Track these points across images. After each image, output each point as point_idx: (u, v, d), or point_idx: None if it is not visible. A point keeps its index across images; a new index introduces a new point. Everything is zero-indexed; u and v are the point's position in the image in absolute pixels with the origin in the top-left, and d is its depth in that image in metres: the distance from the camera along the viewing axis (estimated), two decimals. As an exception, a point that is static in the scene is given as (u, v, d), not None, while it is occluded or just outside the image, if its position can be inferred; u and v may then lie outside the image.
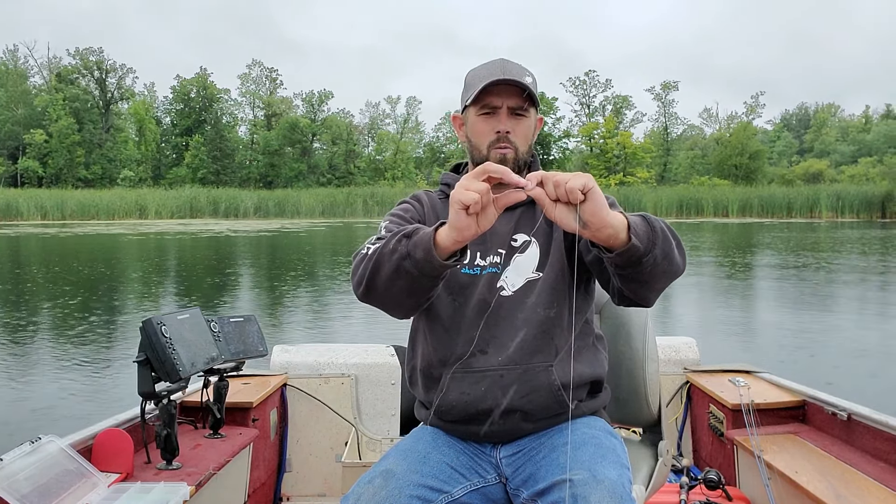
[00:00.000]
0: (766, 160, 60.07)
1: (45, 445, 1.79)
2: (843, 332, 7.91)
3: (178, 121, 63.43)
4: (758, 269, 14.86)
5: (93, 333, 7.81)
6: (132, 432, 2.08)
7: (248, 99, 66.52)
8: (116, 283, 12.79)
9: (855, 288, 11.77)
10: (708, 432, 2.76)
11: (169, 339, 2.01)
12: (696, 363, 2.99)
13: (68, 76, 59.30)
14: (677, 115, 69.24)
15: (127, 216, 41.23)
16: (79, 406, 5.14)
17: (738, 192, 45.56)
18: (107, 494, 1.82)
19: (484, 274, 1.56)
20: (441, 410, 1.56)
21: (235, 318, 2.53)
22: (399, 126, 67.92)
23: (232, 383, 2.57)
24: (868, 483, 1.94)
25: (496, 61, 1.58)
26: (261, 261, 17.50)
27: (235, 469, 2.45)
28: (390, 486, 1.37)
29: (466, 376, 1.52)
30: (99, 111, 59.22)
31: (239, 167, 61.39)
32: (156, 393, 2.02)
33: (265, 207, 44.73)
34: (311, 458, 2.99)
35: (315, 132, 63.30)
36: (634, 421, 1.87)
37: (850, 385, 5.49)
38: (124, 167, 57.10)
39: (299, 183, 57.52)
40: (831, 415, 2.32)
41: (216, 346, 2.33)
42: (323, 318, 8.97)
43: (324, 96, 65.61)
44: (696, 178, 55.61)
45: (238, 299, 10.46)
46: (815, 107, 78.25)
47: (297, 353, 3.05)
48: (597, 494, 1.29)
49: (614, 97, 65.33)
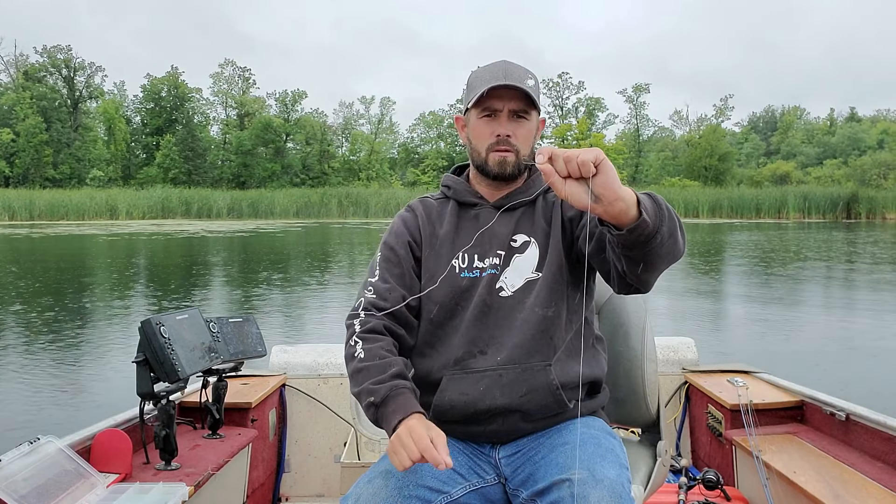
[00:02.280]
0: (734, 162, 61.17)
1: (43, 446, 1.78)
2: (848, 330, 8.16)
3: (148, 120, 62.54)
4: (749, 269, 15.19)
5: (91, 334, 7.79)
6: (131, 433, 2.07)
7: (220, 98, 65.87)
8: (104, 284, 12.68)
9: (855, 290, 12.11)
10: (706, 432, 2.75)
11: (168, 339, 2.01)
12: (694, 363, 2.99)
13: (35, 74, 58.17)
14: (648, 116, 70.24)
15: (97, 217, 40.56)
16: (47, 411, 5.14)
17: (708, 193, 46.29)
18: (105, 495, 1.81)
19: (483, 276, 1.58)
20: (440, 411, 1.56)
21: (234, 318, 2.53)
22: (373, 126, 67.79)
23: (231, 384, 2.56)
24: (866, 483, 1.94)
25: (499, 63, 1.58)
26: (252, 262, 17.41)
27: (234, 469, 2.45)
28: (390, 486, 1.38)
29: (466, 377, 1.53)
30: (67, 110, 58.15)
31: (211, 167, 60.71)
32: (154, 393, 2.02)
33: (238, 208, 44.33)
34: (310, 458, 2.99)
35: (289, 132, 62.91)
36: (633, 421, 1.86)
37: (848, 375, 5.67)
38: (93, 167, 56.14)
39: (273, 183, 57.10)
40: (829, 415, 2.31)
41: (215, 347, 2.32)
42: (319, 318, 8.98)
43: (297, 96, 65.23)
44: (667, 179, 56.39)
45: (227, 300, 10.45)
46: (781, 109, 79.84)
47: (296, 354, 3.05)
48: (596, 493, 1.30)
49: (587, 99, 66.01)
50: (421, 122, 67.37)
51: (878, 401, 2.91)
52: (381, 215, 44.72)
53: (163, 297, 10.83)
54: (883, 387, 5.64)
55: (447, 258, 1.61)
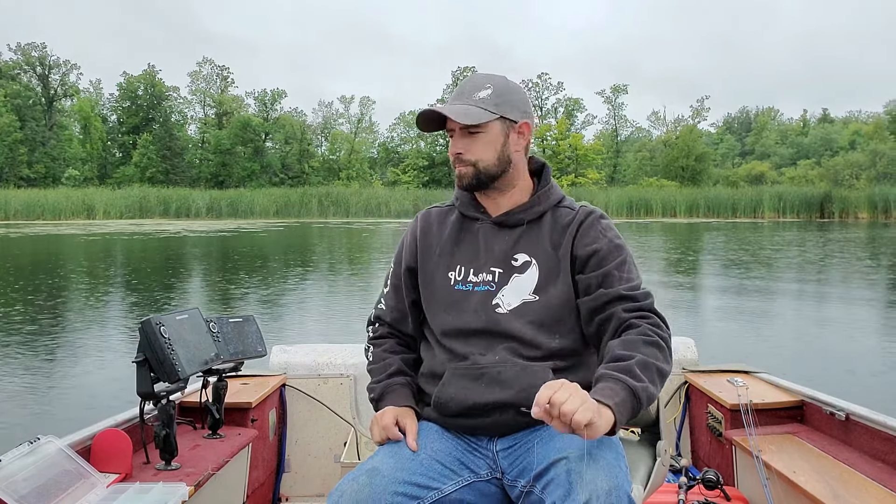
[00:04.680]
0: (711, 162, 62.00)
1: (43, 446, 1.78)
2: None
3: (125, 119, 61.90)
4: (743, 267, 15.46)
5: (92, 333, 7.80)
6: (131, 433, 2.07)
7: (198, 97, 65.36)
8: (91, 284, 12.62)
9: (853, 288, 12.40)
10: (706, 432, 2.76)
11: (168, 339, 2.01)
12: (694, 363, 2.99)
13: (9, 72, 57.25)
14: (626, 117, 70.89)
15: (74, 216, 40.05)
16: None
17: (686, 193, 46.89)
18: (105, 495, 1.81)
19: (476, 291, 1.61)
20: (440, 403, 1.59)
21: (234, 318, 2.53)
22: (353, 126, 67.68)
23: (231, 384, 2.56)
24: (866, 483, 1.94)
25: (464, 83, 1.65)
26: (241, 261, 17.38)
27: (234, 469, 2.45)
28: (374, 483, 1.41)
29: (467, 372, 1.57)
30: (42, 108, 57.37)
31: (189, 166, 60.23)
32: (154, 393, 2.02)
33: (217, 207, 44.03)
34: (310, 458, 3.00)
35: (268, 131, 62.58)
36: (633, 421, 1.84)
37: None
38: (69, 166, 55.45)
39: (252, 183, 56.80)
40: (829, 415, 2.31)
41: (215, 347, 2.32)
42: (317, 317, 9.07)
43: (277, 95, 64.93)
44: (645, 179, 57.03)
45: (221, 299, 10.49)
46: (755, 110, 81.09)
47: (296, 354, 3.05)
48: (592, 471, 1.32)
49: (566, 100, 66.53)
50: (401, 122, 67.38)
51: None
52: (361, 215, 44.71)
53: (159, 297, 10.84)
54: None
55: (444, 269, 1.67)
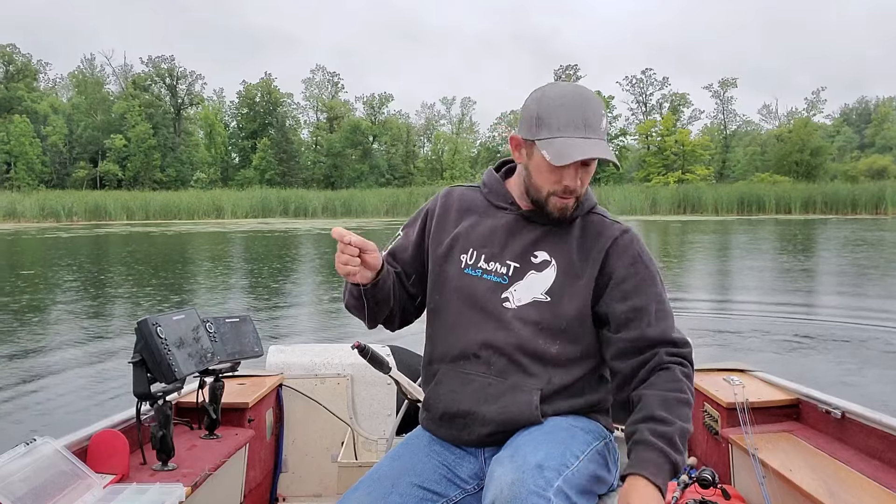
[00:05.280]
0: (827, 156, 59.42)
1: (39, 447, 1.78)
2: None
3: (244, 124, 65.95)
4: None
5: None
6: (127, 433, 2.06)
7: (311, 102, 68.79)
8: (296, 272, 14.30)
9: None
10: (702, 431, 2.76)
11: (164, 339, 2.01)
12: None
13: (142, 83, 62.26)
14: (735, 111, 68.91)
15: (206, 216, 43.41)
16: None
17: (801, 188, 45.39)
18: (102, 496, 1.80)
19: (485, 279, 1.56)
20: (429, 403, 1.59)
21: (231, 318, 2.53)
22: (454, 126, 69.32)
23: (227, 384, 2.54)
24: (862, 480, 1.94)
25: (575, 100, 1.48)
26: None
27: (231, 470, 2.44)
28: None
29: (459, 375, 1.54)
30: (171, 116, 62.05)
31: (303, 168, 63.62)
32: (151, 394, 2.03)
33: (332, 207, 46.36)
34: (307, 458, 3.00)
35: (375, 134, 65.15)
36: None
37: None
38: (196, 170, 59.87)
39: (361, 183, 59.28)
40: (825, 413, 2.31)
41: (212, 347, 2.32)
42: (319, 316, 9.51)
43: (384, 99, 67.50)
44: (756, 175, 55.42)
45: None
46: (875, 101, 76.76)
47: (293, 354, 3.07)
48: (501, 469, 1.32)
49: (671, 95, 65.48)
50: (502, 121, 68.48)
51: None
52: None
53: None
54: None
55: (458, 251, 1.60)
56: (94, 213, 41.56)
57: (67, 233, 29.96)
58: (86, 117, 58.91)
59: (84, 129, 58.35)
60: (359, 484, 1.48)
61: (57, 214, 40.59)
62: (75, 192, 48.01)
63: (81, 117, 58.78)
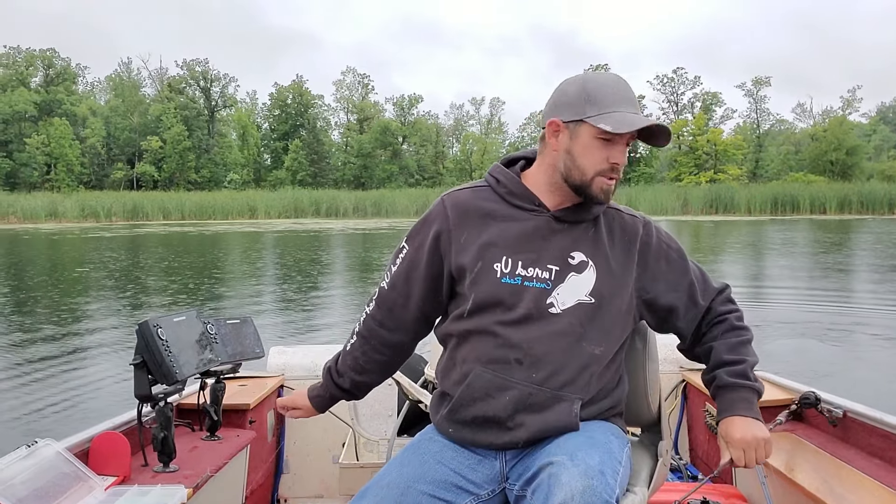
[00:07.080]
0: (864, 156, 58.35)
1: (41, 449, 1.78)
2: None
3: (276, 126, 66.80)
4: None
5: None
6: (129, 435, 2.06)
7: (342, 104, 69.49)
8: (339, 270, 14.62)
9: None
10: (704, 431, 2.76)
11: (165, 341, 2.02)
12: (691, 362, 3.01)
13: (177, 86, 63.44)
14: (769, 110, 67.94)
15: (240, 216, 44.28)
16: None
17: (836, 188, 44.71)
18: (103, 498, 1.81)
19: (527, 286, 1.51)
20: (457, 404, 1.54)
21: (232, 319, 2.53)
22: (483, 127, 69.50)
23: (229, 385, 2.56)
24: (864, 480, 1.93)
25: (623, 87, 1.51)
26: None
27: (233, 471, 2.45)
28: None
29: (496, 379, 1.50)
30: (205, 118, 63.09)
31: (333, 169, 64.29)
32: (152, 395, 2.03)
33: (363, 207, 46.91)
34: (309, 459, 3.02)
35: (405, 134, 65.61)
36: (634, 421, 1.83)
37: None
38: (229, 171, 60.79)
39: (391, 184, 59.75)
40: (827, 412, 2.29)
41: (213, 348, 2.33)
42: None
43: (414, 100, 67.93)
44: (790, 174, 54.67)
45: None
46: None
47: (294, 355, 3.08)
48: (567, 474, 1.31)
49: (703, 94, 64.84)
50: (531, 122, 68.42)
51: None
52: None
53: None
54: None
55: (489, 260, 1.53)
56: (133, 213, 42.70)
57: (109, 232, 30.85)
58: (123, 120, 60.17)
59: (121, 132, 59.64)
60: (365, 491, 1.45)
61: (97, 214, 41.76)
62: (113, 193, 49.37)
63: (119, 120, 60.03)
